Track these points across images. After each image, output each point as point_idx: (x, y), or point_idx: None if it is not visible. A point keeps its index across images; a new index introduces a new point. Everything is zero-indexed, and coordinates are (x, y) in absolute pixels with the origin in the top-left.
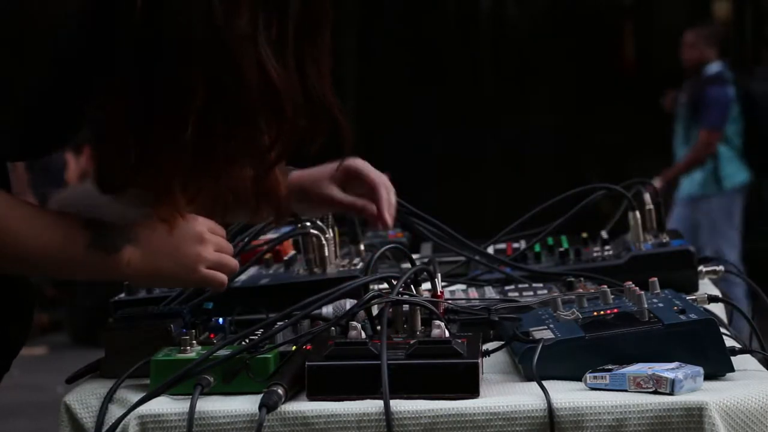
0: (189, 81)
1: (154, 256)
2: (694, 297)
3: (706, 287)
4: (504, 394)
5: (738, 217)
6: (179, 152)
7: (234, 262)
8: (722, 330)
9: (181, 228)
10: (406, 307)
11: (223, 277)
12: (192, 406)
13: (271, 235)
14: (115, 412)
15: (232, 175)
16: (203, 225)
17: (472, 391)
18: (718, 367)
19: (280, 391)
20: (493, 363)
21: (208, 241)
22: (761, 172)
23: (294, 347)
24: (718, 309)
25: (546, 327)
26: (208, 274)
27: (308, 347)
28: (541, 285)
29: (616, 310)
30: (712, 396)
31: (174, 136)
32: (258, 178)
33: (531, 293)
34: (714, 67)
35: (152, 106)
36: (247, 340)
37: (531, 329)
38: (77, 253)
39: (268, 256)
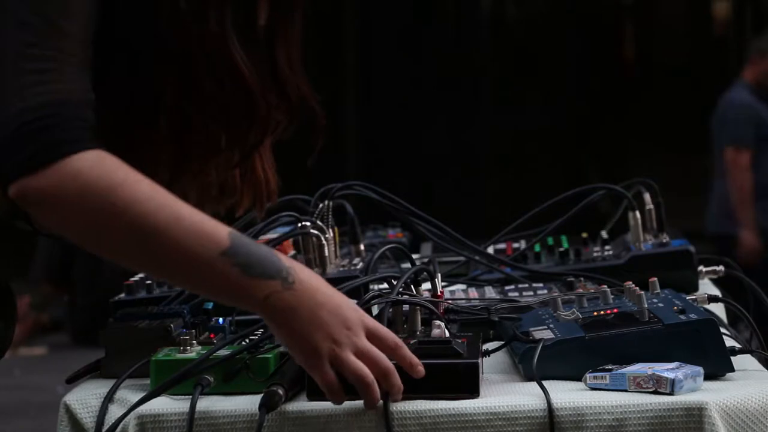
0: (159, 80)
1: (293, 312)
2: (694, 297)
3: (706, 287)
4: (504, 394)
5: None
6: (154, 149)
7: (371, 395)
8: (722, 330)
9: (335, 300)
10: (406, 307)
11: (337, 390)
12: (192, 406)
13: (271, 235)
14: (115, 412)
15: (215, 169)
16: (366, 321)
17: (472, 391)
18: (718, 367)
19: (280, 391)
20: (493, 363)
21: (354, 337)
22: None
23: None
24: (718, 309)
25: (546, 327)
26: (326, 374)
27: None
28: (541, 285)
29: (616, 310)
30: (712, 396)
31: (147, 132)
32: (241, 168)
33: (531, 293)
34: None
35: (126, 104)
36: (247, 340)
37: (531, 329)
38: (210, 260)
39: None
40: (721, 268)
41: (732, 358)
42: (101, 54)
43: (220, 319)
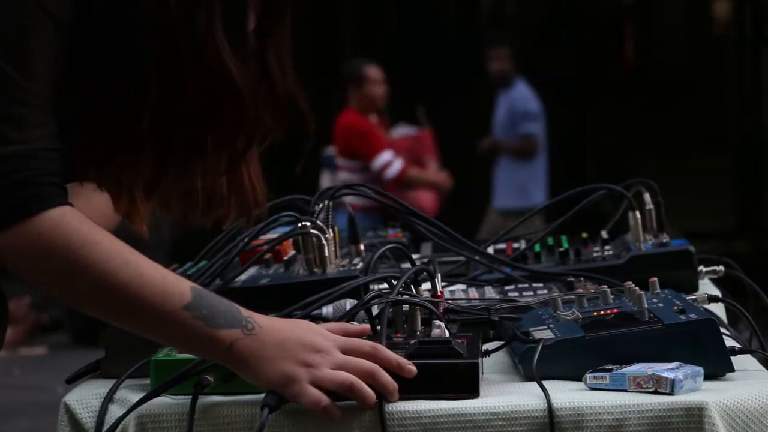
0: (145, 80)
1: (258, 353)
2: (694, 297)
3: (706, 287)
4: (504, 394)
5: None
6: (137, 149)
7: (362, 395)
8: (722, 330)
9: (298, 333)
10: (406, 307)
11: (327, 404)
12: (192, 406)
13: (271, 235)
14: (115, 412)
15: (201, 174)
16: (338, 341)
17: (472, 391)
18: (718, 367)
19: None
20: (493, 363)
21: (327, 356)
22: None
23: None
24: (718, 309)
25: (546, 327)
26: (311, 394)
27: None
28: (541, 285)
29: (616, 310)
30: (712, 396)
31: (131, 134)
32: (228, 175)
33: (531, 293)
34: None
35: (110, 104)
36: None
37: (531, 329)
38: (173, 314)
39: (268, 256)
40: (721, 268)
41: (732, 358)
42: (87, 53)
43: None
